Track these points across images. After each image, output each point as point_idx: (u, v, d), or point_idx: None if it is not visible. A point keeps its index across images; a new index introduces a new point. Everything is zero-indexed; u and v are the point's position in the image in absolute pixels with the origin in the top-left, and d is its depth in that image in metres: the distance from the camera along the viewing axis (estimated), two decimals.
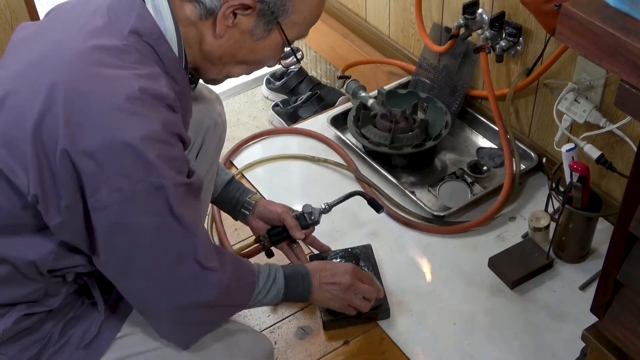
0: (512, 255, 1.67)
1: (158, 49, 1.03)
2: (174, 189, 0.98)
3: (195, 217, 1.05)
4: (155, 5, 1.03)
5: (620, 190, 1.68)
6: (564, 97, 1.68)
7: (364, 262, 1.62)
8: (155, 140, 0.96)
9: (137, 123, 0.95)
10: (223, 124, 1.45)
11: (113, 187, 0.95)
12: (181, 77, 1.07)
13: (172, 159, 0.99)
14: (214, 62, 1.12)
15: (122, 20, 1.02)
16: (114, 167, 0.95)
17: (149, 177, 0.96)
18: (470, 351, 1.52)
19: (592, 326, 1.13)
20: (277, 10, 1.06)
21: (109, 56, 0.98)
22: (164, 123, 0.97)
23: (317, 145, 2.04)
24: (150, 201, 0.98)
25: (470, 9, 1.84)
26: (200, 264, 1.05)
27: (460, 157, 1.99)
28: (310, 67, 2.72)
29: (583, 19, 0.85)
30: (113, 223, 0.98)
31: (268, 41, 1.10)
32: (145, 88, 0.97)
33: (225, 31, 1.06)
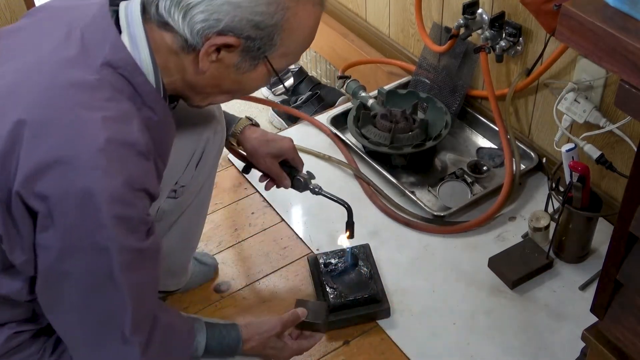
0: (512, 255, 1.67)
1: (133, 80, 0.98)
2: (119, 254, 0.93)
3: (139, 284, 0.99)
4: (131, 34, 0.99)
5: (620, 190, 1.68)
6: (564, 97, 1.68)
7: (363, 262, 1.62)
8: (114, 199, 0.91)
9: (98, 178, 0.90)
10: (222, 130, 1.43)
11: (59, 234, 0.92)
12: (160, 107, 1.02)
13: (128, 220, 0.94)
14: (198, 92, 1.09)
15: (95, 50, 0.97)
16: (64, 216, 0.91)
17: (96, 235, 0.92)
18: (470, 351, 1.52)
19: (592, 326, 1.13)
20: (263, 46, 1.01)
21: (81, 94, 0.94)
22: (127, 179, 0.93)
23: (320, 141, 2.04)
24: (91, 260, 0.94)
25: (470, 9, 1.84)
26: (123, 336, 1.00)
27: (460, 157, 1.99)
28: (310, 67, 2.72)
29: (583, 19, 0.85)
30: (51, 265, 0.95)
31: (254, 74, 1.05)
32: (113, 137, 0.92)
33: (208, 67, 1.02)
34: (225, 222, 1.83)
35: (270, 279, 1.69)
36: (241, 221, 1.83)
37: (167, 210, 1.43)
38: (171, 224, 1.46)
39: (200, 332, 1.19)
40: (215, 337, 1.21)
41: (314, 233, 1.79)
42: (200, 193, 1.46)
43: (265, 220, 1.83)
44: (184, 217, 1.46)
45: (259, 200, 1.89)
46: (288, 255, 1.74)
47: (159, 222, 1.43)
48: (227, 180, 1.94)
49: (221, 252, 1.76)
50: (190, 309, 1.62)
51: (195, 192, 1.45)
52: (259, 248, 1.77)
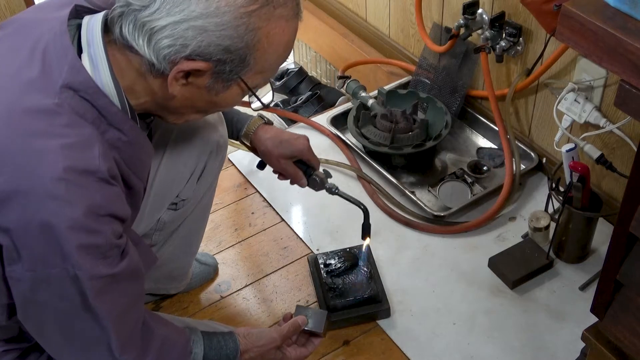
0: (512, 255, 1.67)
1: (96, 103, 0.94)
2: (90, 282, 0.91)
3: (117, 306, 0.97)
4: (91, 55, 0.96)
5: (620, 190, 1.68)
6: (564, 97, 1.68)
7: (362, 262, 1.62)
8: (76, 229, 0.89)
9: (58, 209, 0.88)
10: (225, 144, 1.41)
11: (27, 266, 0.90)
12: (129, 128, 0.98)
13: (94, 247, 0.91)
14: (171, 112, 1.05)
15: (55, 72, 0.93)
16: (29, 249, 0.90)
17: (63, 266, 0.90)
18: (470, 351, 1.52)
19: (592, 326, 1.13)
20: (235, 68, 0.96)
21: (38, 121, 0.91)
22: (89, 207, 0.90)
23: (321, 142, 2.04)
24: (64, 288, 0.92)
25: (470, 9, 1.84)
26: (112, 355, 0.99)
27: (460, 157, 1.99)
28: (310, 67, 2.72)
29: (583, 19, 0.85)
30: (26, 297, 0.94)
31: (229, 93, 1.01)
32: (72, 166, 0.89)
33: (179, 90, 0.98)
34: (225, 222, 1.83)
35: (270, 279, 1.69)
36: (241, 221, 1.83)
37: (168, 221, 1.42)
38: (172, 232, 1.45)
39: (197, 344, 1.18)
40: (213, 347, 1.20)
41: (314, 233, 1.79)
42: (202, 202, 1.46)
43: (266, 220, 1.84)
44: (185, 225, 1.46)
45: (259, 200, 1.89)
46: (288, 255, 1.74)
47: (160, 232, 1.43)
48: (227, 180, 1.94)
49: (221, 252, 1.76)
50: (190, 309, 1.62)
51: (197, 202, 1.44)
52: (259, 248, 1.77)
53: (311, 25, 2.55)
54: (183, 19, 0.91)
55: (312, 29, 2.56)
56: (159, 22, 0.92)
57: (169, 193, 1.36)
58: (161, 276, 1.53)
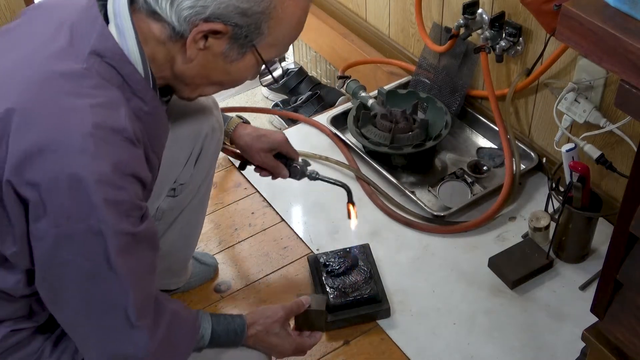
0: (512, 255, 1.67)
1: (121, 70, 0.99)
2: (114, 237, 0.93)
3: (136, 269, 0.99)
4: (118, 25, 0.99)
5: (620, 190, 1.68)
6: (564, 97, 1.68)
7: (363, 262, 1.62)
8: (104, 183, 0.91)
9: (86, 162, 0.91)
10: (220, 128, 1.44)
11: (52, 222, 0.92)
12: (150, 98, 1.02)
13: (119, 203, 0.94)
14: (187, 83, 1.09)
15: (83, 41, 0.98)
16: (56, 203, 0.91)
17: (89, 219, 0.92)
18: (470, 351, 1.52)
19: (592, 326, 1.13)
20: (251, 33, 1.01)
21: (68, 83, 0.95)
22: (116, 164, 0.93)
23: (320, 142, 2.04)
24: (87, 244, 0.94)
25: (470, 9, 1.84)
26: (128, 320, 1.00)
27: (460, 157, 1.99)
28: (310, 67, 2.72)
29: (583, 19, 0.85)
30: (48, 256, 0.95)
31: (242, 63, 1.05)
32: (100, 123, 0.93)
33: (196, 54, 1.02)
34: (225, 222, 1.83)
35: (270, 278, 1.69)
36: (241, 221, 1.83)
37: (167, 209, 1.43)
38: (170, 222, 1.46)
39: (205, 320, 1.20)
40: (221, 323, 1.21)
41: (314, 233, 1.79)
42: (199, 191, 1.46)
43: (265, 220, 1.84)
44: (183, 216, 1.47)
45: (259, 200, 1.89)
46: (288, 255, 1.74)
47: (159, 222, 1.43)
48: (227, 180, 1.94)
49: (221, 252, 1.76)
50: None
51: (194, 191, 1.45)
52: (259, 248, 1.77)
53: (311, 25, 2.55)
54: None
55: (312, 29, 2.56)
56: None
57: (167, 178, 1.37)
58: (161, 270, 1.53)
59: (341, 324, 1.55)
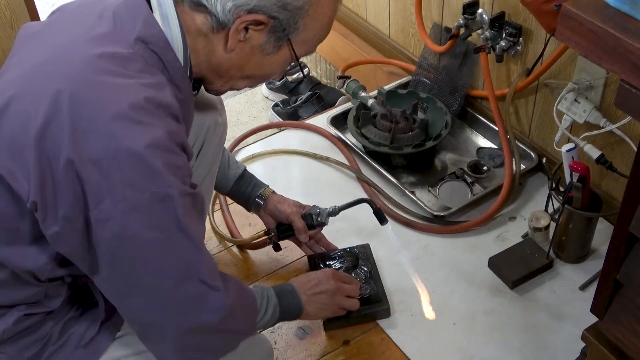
0: (512, 255, 1.67)
1: (164, 57, 1.02)
2: (180, 198, 0.96)
3: (200, 233, 1.03)
4: (163, 13, 1.03)
5: (620, 190, 1.68)
6: (564, 97, 1.68)
7: (363, 262, 1.62)
8: (161, 148, 0.95)
9: (142, 131, 0.94)
10: (224, 123, 1.45)
11: (117, 197, 0.93)
12: (185, 86, 1.07)
13: (177, 168, 0.97)
14: (221, 75, 1.12)
15: (128, 27, 1.01)
16: (119, 175, 0.93)
17: (154, 186, 0.94)
18: (470, 351, 1.52)
19: (592, 326, 1.13)
20: (288, 27, 1.06)
21: (115, 64, 0.98)
22: (169, 132, 0.97)
23: (320, 142, 2.04)
24: (156, 213, 0.96)
25: (470, 9, 1.84)
26: (205, 283, 1.02)
27: (460, 157, 1.99)
28: (310, 67, 2.72)
29: (583, 19, 0.85)
30: (116, 235, 0.96)
31: (277, 57, 1.10)
32: (150, 97, 0.96)
33: (236, 45, 1.06)
34: (225, 222, 1.83)
35: (270, 279, 1.69)
36: (241, 221, 1.83)
37: None
38: None
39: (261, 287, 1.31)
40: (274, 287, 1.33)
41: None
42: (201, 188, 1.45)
43: None
44: None
45: None
46: (288, 255, 1.74)
47: None
48: None
49: (221, 252, 1.76)
50: None
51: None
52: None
53: None
54: None
55: None
56: None
57: None
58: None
59: (341, 324, 1.55)
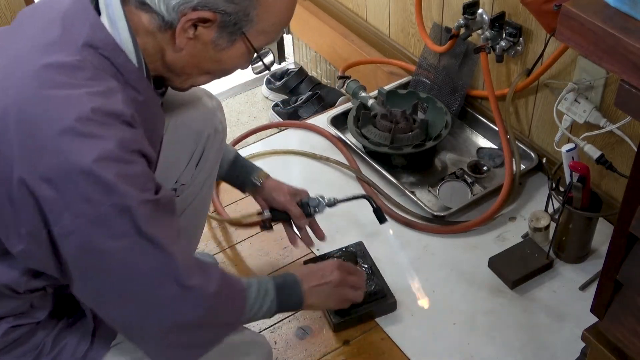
0: (512, 255, 1.67)
1: (115, 60, 0.99)
2: (139, 208, 0.94)
3: (170, 234, 1.00)
4: (110, 16, 1.00)
5: (620, 190, 1.68)
6: (564, 97, 1.68)
7: (361, 259, 1.62)
8: (111, 159, 0.92)
9: (90, 145, 0.91)
10: (223, 131, 1.44)
11: (75, 212, 0.92)
12: (144, 87, 1.03)
13: (133, 176, 0.95)
14: (178, 73, 1.09)
15: (75, 32, 0.98)
16: (73, 192, 0.91)
17: (111, 199, 0.92)
18: (470, 351, 1.52)
19: (592, 326, 1.13)
20: (240, 21, 1.01)
21: (61, 74, 0.95)
22: (120, 141, 0.94)
23: (320, 142, 2.04)
24: (116, 224, 0.94)
25: (470, 9, 1.84)
26: (180, 284, 1.01)
27: (460, 157, 1.99)
28: (310, 67, 2.72)
29: (583, 19, 0.85)
30: (81, 249, 0.95)
31: (233, 51, 1.05)
32: (98, 107, 0.93)
33: (185, 43, 1.02)
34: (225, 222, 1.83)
35: None
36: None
37: None
38: None
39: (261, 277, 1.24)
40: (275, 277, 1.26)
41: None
42: (201, 192, 1.46)
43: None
44: (185, 217, 1.46)
45: None
46: (288, 255, 1.74)
47: None
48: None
49: (221, 252, 1.76)
50: None
51: (196, 192, 1.45)
52: (259, 248, 1.77)
53: (311, 25, 2.56)
54: None
55: (312, 29, 2.56)
56: None
57: (169, 177, 1.37)
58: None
59: (350, 323, 1.55)
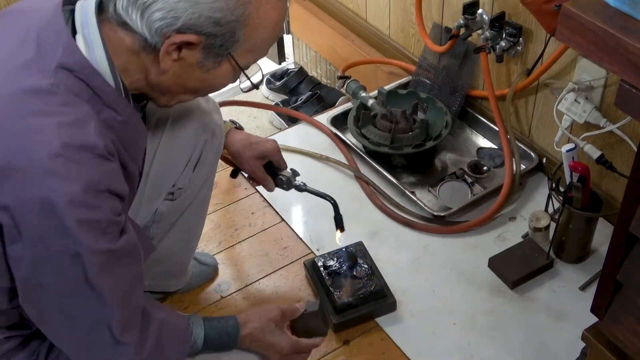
0: (512, 255, 1.67)
1: (90, 83, 0.96)
2: (92, 257, 0.92)
3: (118, 285, 0.98)
4: (85, 36, 0.97)
5: (620, 190, 1.68)
6: (564, 97, 1.68)
7: (361, 259, 1.62)
8: (75, 203, 0.90)
9: (56, 185, 0.89)
10: (220, 134, 1.42)
11: (27, 244, 0.91)
12: (123, 107, 1.00)
13: (93, 223, 0.92)
14: (163, 92, 1.06)
15: (49, 53, 0.95)
16: (29, 226, 0.90)
17: (64, 242, 0.90)
18: (470, 351, 1.52)
19: (592, 326, 1.13)
20: (226, 42, 0.98)
21: (34, 100, 0.92)
22: (87, 182, 0.91)
23: (320, 141, 2.04)
24: (65, 266, 0.92)
25: (470, 9, 1.84)
26: (113, 336, 0.99)
27: (460, 157, 1.99)
28: (310, 67, 2.72)
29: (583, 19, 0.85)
30: (26, 278, 0.94)
31: (219, 71, 1.02)
32: (69, 142, 0.90)
33: (170, 65, 0.99)
34: (225, 222, 1.83)
35: (271, 279, 1.69)
36: (241, 221, 1.83)
37: (165, 213, 1.42)
38: (170, 225, 1.45)
39: (197, 325, 1.19)
40: (214, 327, 1.21)
41: (314, 233, 1.79)
42: (199, 194, 1.46)
43: (265, 220, 1.84)
44: (183, 219, 1.46)
45: (259, 200, 1.89)
46: (288, 255, 1.74)
47: (158, 224, 1.42)
48: (227, 180, 1.94)
49: (221, 252, 1.76)
50: (190, 309, 1.62)
51: (194, 195, 1.44)
52: (259, 248, 1.77)
53: (311, 25, 2.56)
54: None
55: (312, 29, 2.56)
56: None
57: (166, 181, 1.37)
58: (160, 273, 1.54)
59: (350, 323, 1.55)
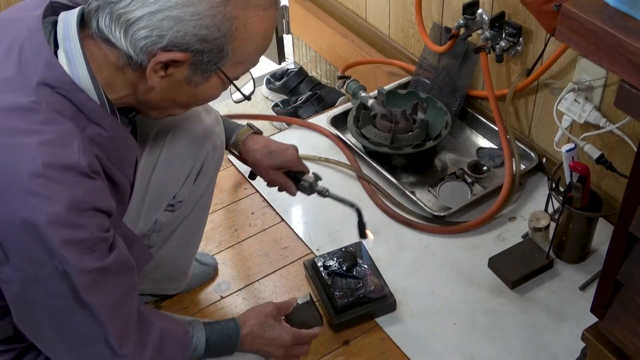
0: (512, 255, 1.67)
1: (74, 99, 0.94)
2: (80, 276, 0.91)
3: (110, 300, 0.97)
4: (67, 51, 0.95)
5: (620, 190, 1.68)
6: (564, 97, 1.68)
7: (361, 259, 1.62)
8: (58, 224, 0.88)
9: (38, 205, 0.87)
10: (222, 145, 1.41)
11: (14, 266, 0.90)
12: (109, 123, 0.98)
13: (79, 242, 0.91)
14: (153, 107, 1.05)
15: (30, 70, 0.93)
16: (14, 248, 0.89)
17: (51, 263, 0.90)
18: (470, 351, 1.52)
19: (592, 326, 1.13)
20: (213, 57, 0.96)
21: (15, 119, 0.90)
22: (71, 202, 0.89)
23: (320, 142, 2.04)
24: (54, 285, 0.92)
25: (470, 9, 1.84)
26: (111, 350, 0.99)
27: (460, 157, 1.99)
28: (310, 67, 2.72)
29: (583, 19, 0.85)
30: (17, 298, 0.95)
31: (209, 85, 1.00)
32: (51, 162, 0.89)
33: (158, 82, 0.97)
34: (225, 222, 1.83)
35: (270, 279, 1.69)
36: (241, 221, 1.83)
37: (165, 222, 1.42)
38: (170, 233, 1.45)
39: (198, 330, 1.19)
40: (215, 330, 1.21)
41: (314, 233, 1.79)
42: (200, 202, 1.45)
43: (265, 220, 1.84)
44: (183, 226, 1.46)
45: (259, 200, 1.89)
46: (288, 255, 1.74)
47: (157, 233, 1.42)
48: (227, 180, 1.94)
49: (221, 252, 1.76)
50: (190, 309, 1.62)
51: (195, 202, 1.44)
52: (258, 248, 1.77)
53: (311, 25, 2.56)
54: (159, 9, 0.91)
55: (312, 29, 2.56)
56: (135, 13, 0.91)
57: (166, 194, 1.36)
58: (160, 277, 1.54)
59: (350, 323, 1.55)
